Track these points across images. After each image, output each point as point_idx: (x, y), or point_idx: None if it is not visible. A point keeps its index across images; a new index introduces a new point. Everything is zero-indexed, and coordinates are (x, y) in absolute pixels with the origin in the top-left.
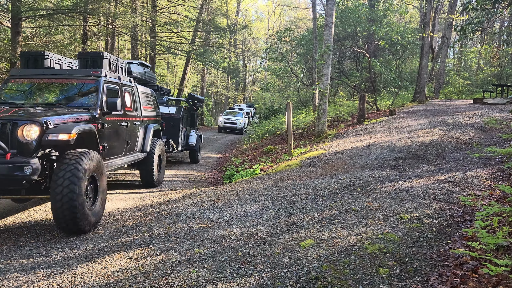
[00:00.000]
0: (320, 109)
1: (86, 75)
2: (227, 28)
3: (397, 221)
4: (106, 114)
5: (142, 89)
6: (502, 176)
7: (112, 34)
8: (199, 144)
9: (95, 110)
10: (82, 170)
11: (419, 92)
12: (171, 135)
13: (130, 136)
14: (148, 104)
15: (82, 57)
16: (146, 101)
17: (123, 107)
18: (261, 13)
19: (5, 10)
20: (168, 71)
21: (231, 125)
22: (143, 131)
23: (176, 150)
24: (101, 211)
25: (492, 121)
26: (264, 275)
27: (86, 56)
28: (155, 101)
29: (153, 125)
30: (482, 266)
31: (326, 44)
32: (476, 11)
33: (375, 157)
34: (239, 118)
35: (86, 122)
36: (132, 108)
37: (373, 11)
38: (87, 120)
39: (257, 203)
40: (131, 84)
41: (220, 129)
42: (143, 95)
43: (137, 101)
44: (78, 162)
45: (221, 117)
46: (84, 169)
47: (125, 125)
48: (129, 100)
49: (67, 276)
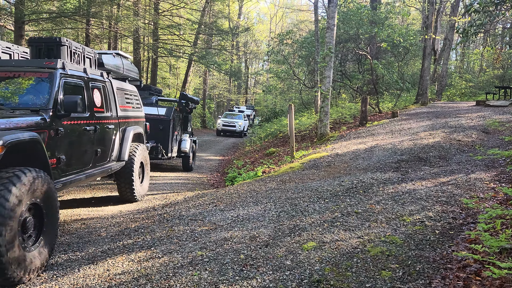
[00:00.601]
0: (322, 111)
1: (37, 67)
2: (229, 31)
3: (400, 223)
4: (62, 117)
5: (118, 84)
6: (505, 179)
7: (114, 37)
8: (194, 150)
9: (46, 111)
10: (9, 203)
11: (422, 94)
12: (160, 140)
13: (101, 143)
14: (128, 103)
15: (34, 44)
16: (125, 99)
17: (91, 107)
18: (263, 16)
19: (8, 14)
20: (170, 73)
21: (230, 128)
22: (120, 135)
23: (166, 156)
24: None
25: (495, 123)
26: (266, 277)
27: (39, 42)
28: (137, 99)
29: (134, 128)
30: (485, 269)
31: (328, 47)
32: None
33: (378, 159)
34: (239, 120)
35: (29, 128)
36: (103, 108)
37: (375, 13)
38: (32, 126)
39: (259, 206)
40: (103, 78)
41: (218, 132)
42: (120, 92)
43: (110, 99)
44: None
45: (220, 119)
46: (12, 201)
47: (93, 129)
48: (99, 99)
49: (69, 278)
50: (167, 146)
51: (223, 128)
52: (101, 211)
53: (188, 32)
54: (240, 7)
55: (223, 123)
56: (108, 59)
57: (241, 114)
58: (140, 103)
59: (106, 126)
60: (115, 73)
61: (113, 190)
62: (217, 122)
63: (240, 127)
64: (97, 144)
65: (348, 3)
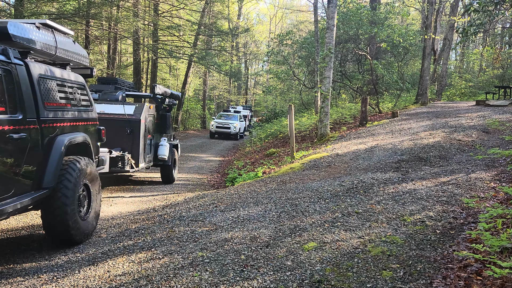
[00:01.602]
0: (322, 111)
1: None
2: (229, 32)
3: (400, 223)
4: None
5: (44, 71)
6: (505, 178)
7: (114, 38)
8: (175, 157)
9: None
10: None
11: (421, 94)
12: (128, 147)
13: None
14: (63, 99)
15: None
16: (57, 93)
17: None
18: (262, 16)
19: (8, 15)
20: (170, 74)
21: (224, 130)
22: (45, 148)
23: (135, 168)
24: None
25: (495, 123)
26: (267, 278)
27: None
28: (85, 93)
29: (71, 136)
30: (486, 269)
31: (328, 47)
32: (478, 12)
33: (378, 159)
34: (234, 121)
35: None
36: (4, 106)
37: (374, 13)
38: None
39: (259, 206)
40: (5, 59)
41: (212, 135)
42: (47, 83)
43: (23, 93)
44: None
45: (213, 120)
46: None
47: None
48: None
49: (70, 280)
50: (137, 154)
51: (216, 130)
52: (101, 212)
53: (188, 33)
54: (239, 8)
55: (217, 125)
56: (24, 30)
57: (236, 115)
58: (89, 99)
59: (9, 136)
60: (40, 53)
61: (113, 191)
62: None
63: (235, 129)
64: None
65: (348, 4)
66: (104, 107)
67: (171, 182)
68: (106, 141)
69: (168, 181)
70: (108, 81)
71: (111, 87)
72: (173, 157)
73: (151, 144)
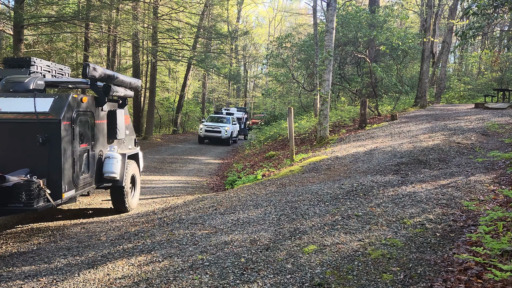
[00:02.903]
0: (322, 114)
1: None
2: (228, 34)
3: (400, 226)
4: None
5: None
6: (505, 181)
7: (113, 41)
8: (135, 173)
9: None
10: None
11: (420, 97)
12: (40, 166)
13: None
14: None
15: None
16: None
17: None
18: (261, 19)
19: (7, 18)
20: (169, 77)
21: (215, 134)
22: None
23: (59, 200)
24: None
25: (494, 126)
26: (267, 281)
27: None
28: None
29: None
30: (486, 272)
31: (327, 50)
32: (477, 16)
33: (377, 162)
34: (226, 125)
35: None
36: None
37: (373, 16)
38: None
39: (259, 209)
40: None
41: (201, 139)
42: None
43: None
44: None
45: (202, 123)
46: None
47: None
48: None
49: (69, 283)
50: (58, 177)
51: (205, 135)
52: (99, 215)
53: (187, 36)
54: (239, 10)
55: (206, 128)
56: None
57: (229, 117)
58: None
59: None
60: None
61: None
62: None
63: (227, 133)
64: None
65: (347, 7)
66: (1, 102)
67: (127, 210)
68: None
69: (122, 208)
70: (18, 63)
71: (23, 71)
72: (131, 174)
73: (88, 158)
